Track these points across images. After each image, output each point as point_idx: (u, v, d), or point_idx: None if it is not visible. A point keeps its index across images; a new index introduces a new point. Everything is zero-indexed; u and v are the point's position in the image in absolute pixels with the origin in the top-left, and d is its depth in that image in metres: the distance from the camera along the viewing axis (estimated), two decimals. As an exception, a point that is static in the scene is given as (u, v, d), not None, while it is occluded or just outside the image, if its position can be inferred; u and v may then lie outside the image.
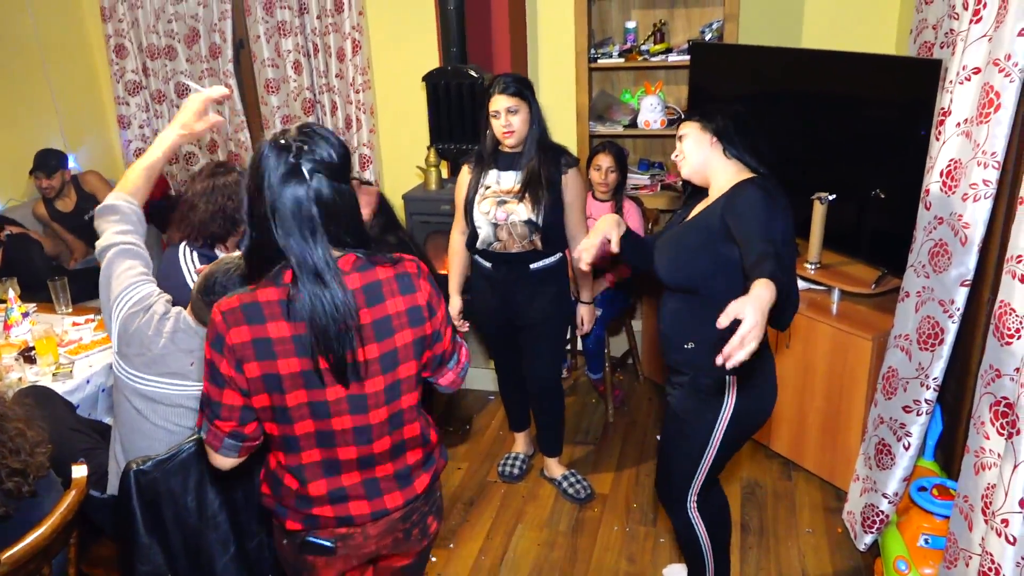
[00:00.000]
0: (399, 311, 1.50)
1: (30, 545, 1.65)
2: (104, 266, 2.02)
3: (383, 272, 1.50)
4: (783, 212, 1.89)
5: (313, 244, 1.39)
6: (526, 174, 2.67)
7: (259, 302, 1.43)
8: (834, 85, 2.92)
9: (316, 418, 1.48)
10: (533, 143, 2.67)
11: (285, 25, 4.31)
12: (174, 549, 1.94)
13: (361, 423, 1.51)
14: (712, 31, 3.66)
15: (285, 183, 1.38)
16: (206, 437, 1.52)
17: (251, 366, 1.43)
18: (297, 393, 1.45)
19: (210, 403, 1.49)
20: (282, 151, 1.38)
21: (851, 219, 2.92)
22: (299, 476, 1.54)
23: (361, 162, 4.42)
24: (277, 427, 1.50)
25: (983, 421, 1.93)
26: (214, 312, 1.45)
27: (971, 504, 1.98)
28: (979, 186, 2.05)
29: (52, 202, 4.23)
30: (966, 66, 2.06)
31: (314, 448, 1.51)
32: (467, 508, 3.02)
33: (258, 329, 1.42)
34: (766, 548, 2.74)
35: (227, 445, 1.51)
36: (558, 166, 2.68)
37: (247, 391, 1.46)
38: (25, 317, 2.96)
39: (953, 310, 2.21)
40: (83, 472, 1.85)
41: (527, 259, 2.74)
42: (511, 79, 2.63)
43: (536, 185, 2.65)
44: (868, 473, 2.59)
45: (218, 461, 1.55)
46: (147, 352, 2.00)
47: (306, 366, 1.44)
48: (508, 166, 2.72)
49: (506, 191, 2.70)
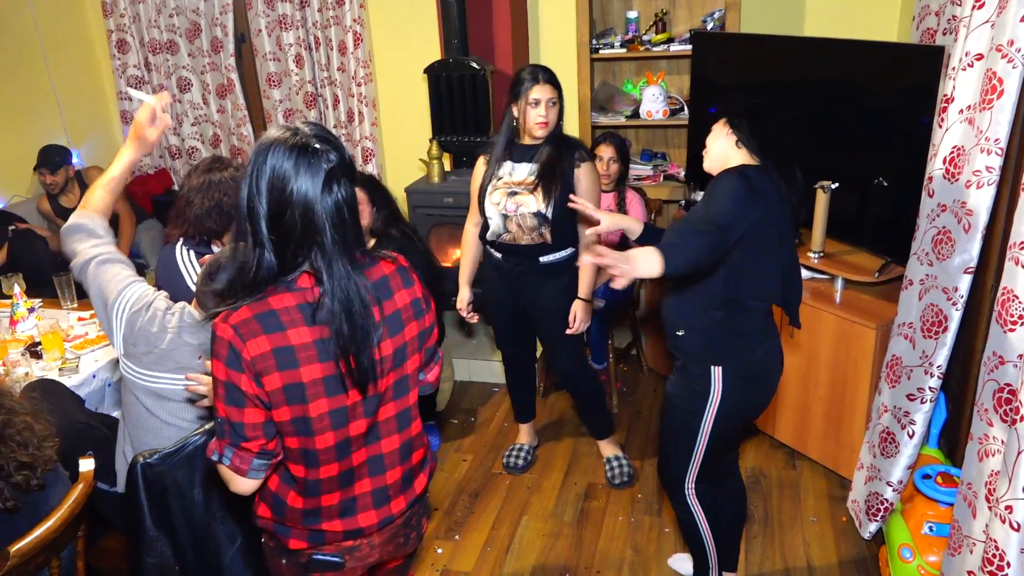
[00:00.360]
0: (406, 304, 1.51)
1: (39, 538, 1.67)
2: (90, 279, 2.03)
3: (387, 267, 1.50)
4: (763, 200, 1.88)
5: (345, 247, 1.38)
6: (541, 166, 2.66)
7: (275, 309, 1.37)
8: (836, 73, 2.91)
9: (336, 428, 1.44)
10: (554, 136, 2.68)
11: (286, 19, 4.31)
12: (181, 542, 1.95)
13: (372, 422, 1.50)
14: (714, 20, 3.64)
15: (326, 189, 1.34)
16: (231, 463, 1.41)
17: (271, 378, 1.36)
18: (319, 402, 1.41)
19: (232, 426, 1.40)
20: (312, 156, 1.34)
21: (854, 207, 2.91)
22: (313, 490, 1.49)
23: (364, 155, 4.42)
24: (298, 440, 1.44)
25: (986, 408, 1.93)
26: (221, 328, 1.36)
27: (975, 491, 1.98)
28: (982, 173, 2.05)
29: (56, 198, 4.24)
30: (969, 52, 2.05)
31: (333, 462, 1.47)
32: (472, 500, 3.03)
33: (278, 338, 1.36)
34: (771, 537, 2.75)
35: (256, 467, 1.43)
36: (572, 159, 2.67)
37: (269, 404, 1.39)
38: (31, 312, 2.98)
39: (957, 297, 2.21)
40: (90, 465, 1.87)
41: (536, 252, 2.74)
42: (547, 69, 2.63)
43: (550, 178, 2.64)
44: (872, 461, 2.59)
45: (243, 486, 1.46)
46: (154, 349, 2.01)
47: (329, 371, 1.40)
48: (523, 157, 2.71)
49: (518, 182, 2.70)
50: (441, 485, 3.11)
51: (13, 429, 1.73)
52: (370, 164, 4.42)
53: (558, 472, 3.17)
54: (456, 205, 3.84)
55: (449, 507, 2.99)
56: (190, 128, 4.77)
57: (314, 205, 1.34)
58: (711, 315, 1.99)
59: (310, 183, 1.34)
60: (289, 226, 1.35)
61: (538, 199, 2.66)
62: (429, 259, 3.00)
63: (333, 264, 1.36)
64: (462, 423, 3.54)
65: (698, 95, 3.48)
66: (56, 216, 4.26)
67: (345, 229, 1.38)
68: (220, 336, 1.36)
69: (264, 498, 1.55)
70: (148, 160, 4.90)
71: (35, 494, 1.76)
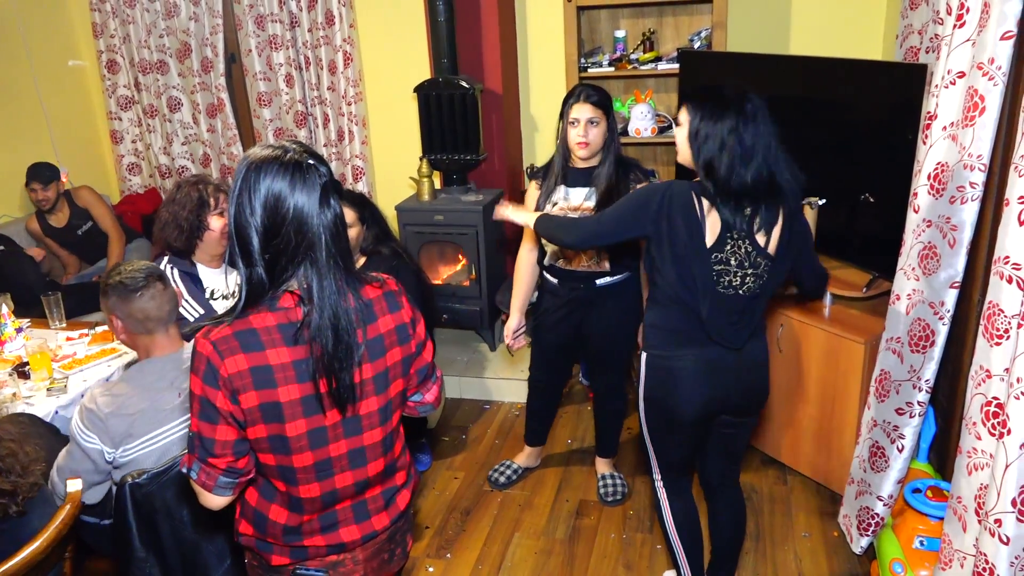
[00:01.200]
0: (389, 329, 1.49)
1: (25, 559, 1.65)
2: (57, 478, 2.06)
3: (372, 291, 1.49)
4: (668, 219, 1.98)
5: (338, 263, 1.38)
6: (604, 191, 2.59)
7: (255, 328, 1.37)
8: (822, 91, 2.95)
9: (314, 447, 1.44)
10: (612, 158, 2.61)
11: (276, 39, 4.33)
12: (170, 562, 1.94)
13: (356, 445, 1.49)
14: (701, 39, 3.69)
15: (323, 206, 1.35)
16: (197, 477, 1.43)
17: (248, 396, 1.37)
18: (297, 423, 1.41)
19: (201, 440, 1.40)
20: (308, 172, 1.35)
21: (841, 223, 2.94)
22: (294, 508, 1.49)
23: (354, 174, 4.43)
24: (274, 457, 1.44)
25: (974, 422, 1.94)
26: (201, 344, 1.37)
27: (964, 505, 1.99)
28: (966, 189, 2.07)
29: (45, 217, 4.23)
30: (951, 70, 2.08)
31: (313, 482, 1.47)
32: (463, 517, 3.02)
33: (256, 357, 1.36)
34: (763, 553, 2.75)
35: (222, 483, 1.43)
36: (627, 181, 2.61)
37: (243, 422, 1.40)
38: (19, 332, 2.96)
39: (943, 312, 2.23)
40: (78, 486, 1.85)
41: (594, 276, 2.72)
42: (593, 89, 2.56)
43: (609, 203, 2.46)
44: (863, 476, 2.59)
45: (211, 501, 1.47)
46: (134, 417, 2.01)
47: (307, 391, 1.39)
48: (577, 182, 2.66)
49: (574, 207, 2.64)
50: (432, 503, 3.09)
51: None
52: (360, 182, 4.43)
53: (550, 489, 3.16)
54: (446, 223, 3.86)
55: (440, 525, 2.97)
56: (180, 148, 4.78)
57: (310, 220, 1.34)
58: (648, 307, 2.19)
59: (306, 199, 1.34)
60: (284, 243, 1.35)
61: None
62: (420, 277, 3.01)
63: (324, 279, 1.36)
64: (453, 440, 3.53)
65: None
66: (44, 236, 4.25)
67: (340, 244, 1.38)
68: (199, 351, 1.37)
69: (245, 514, 1.55)
70: (138, 180, 4.90)
71: (13, 521, 1.73)
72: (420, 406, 1.66)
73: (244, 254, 1.37)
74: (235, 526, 1.58)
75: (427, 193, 3.93)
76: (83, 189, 4.38)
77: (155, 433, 2.02)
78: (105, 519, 2.15)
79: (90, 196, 4.35)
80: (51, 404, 2.53)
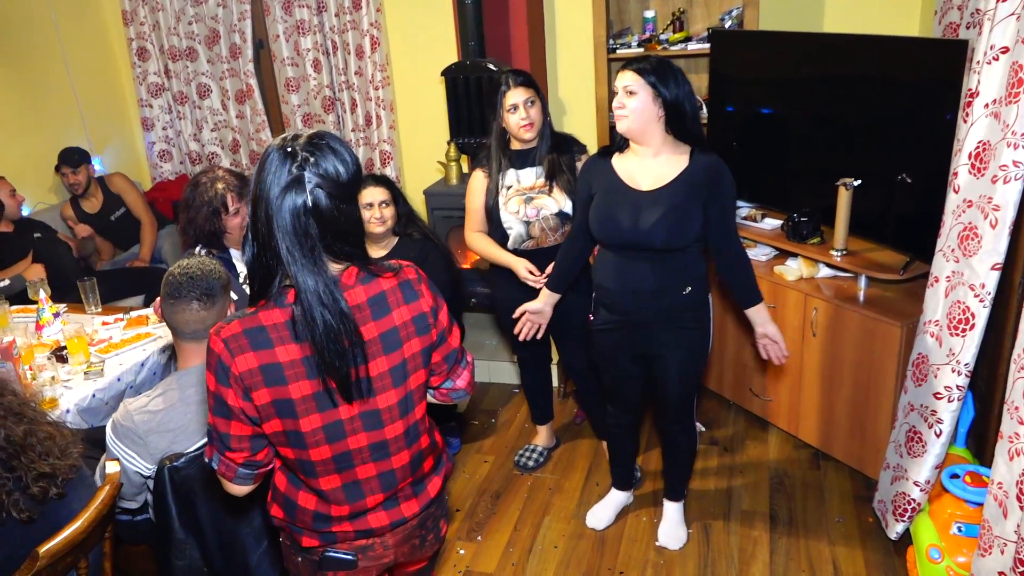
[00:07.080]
0: (405, 321, 1.47)
1: (67, 539, 1.69)
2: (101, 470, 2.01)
3: (386, 283, 1.46)
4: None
5: (311, 259, 1.33)
6: (548, 165, 2.71)
7: (264, 325, 1.37)
8: (857, 69, 2.89)
9: (332, 441, 1.44)
10: (548, 134, 2.73)
11: (304, 24, 4.33)
12: (209, 544, 1.96)
13: (377, 439, 1.48)
14: (732, 18, 3.62)
15: (285, 193, 1.30)
16: (218, 468, 1.47)
17: (260, 393, 1.37)
18: (311, 417, 1.41)
19: (219, 435, 1.43)
20: (287, 159, 1.31)
21: (877, 204, 2.88)
22: (320, 496, 1.51)
23: (382, 158, 4.43)
24: (292, 451, 1.45)
25: (1017, 407, 1.90)
26: (214, 341, 1.37)
27: (1005, 491, 1.95)
28: (1009, 168, 2.02)
29: (79, 203, 4.29)
30: (994, 45, 2.03)
31: (333, 474, 1.48)
32: (494, 500, 3.03)
33: (266, 354, 1.36)
34: (796, 538, 2.73)
35: (241, 475, 1.47)
36: (571, 153, 2.73)
37: (257, 419, 1.41)
38: (56, 317, 3.01)
39: (984, 294, 2.18)
40: (116, 468, 1.88)
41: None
42: (517, 72, 2.70)
43: (561, 174, 2.69)
44: (899, 461, 2.56)
45: (233, 489, 1.51)
46: (175, 433, 1.97)
47: (317, 387, 1.39)
48: (523, 163, 2.74)
49: (530, 187, 2.72)
50: (462, 486, 3.11)
51: (35, 439, 1.71)
52: (388, 167, 4.43)
53: (579, 473, 3.16)
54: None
55: (471, 508, 2.99)
56: (210, 134, 4.81)
57: (276, 209, 1.31)
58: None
59: (278, 186, 1.31)
60: (260, 226, 1.34)
61: (556, 198, 2.68)
62: (450, 260, 3.00)
63: (300, 275, 1.32)
64: (483, 424, 3.54)
65: (716, 94, 3.47)
66: (79, 221, 4.31)
67: (312, 239, 1.32)
68: (212, 348, 1.38)
69: (276, 498, 1.57)
70: (168, 167, 4.94)
71: (53, 503, 1.74)
72: (452, 392, 1.66)
73: (247, 241, 1.39)
74: (267, 508, 1.60)
75: (455, 177, 3.92)
76: (116, 176, 4.44)
77: (199, 444, 2.02)
78: (139, 516, 2.17)
79: (123, 183, 4.41)
80: (88, 388, 2.57)
